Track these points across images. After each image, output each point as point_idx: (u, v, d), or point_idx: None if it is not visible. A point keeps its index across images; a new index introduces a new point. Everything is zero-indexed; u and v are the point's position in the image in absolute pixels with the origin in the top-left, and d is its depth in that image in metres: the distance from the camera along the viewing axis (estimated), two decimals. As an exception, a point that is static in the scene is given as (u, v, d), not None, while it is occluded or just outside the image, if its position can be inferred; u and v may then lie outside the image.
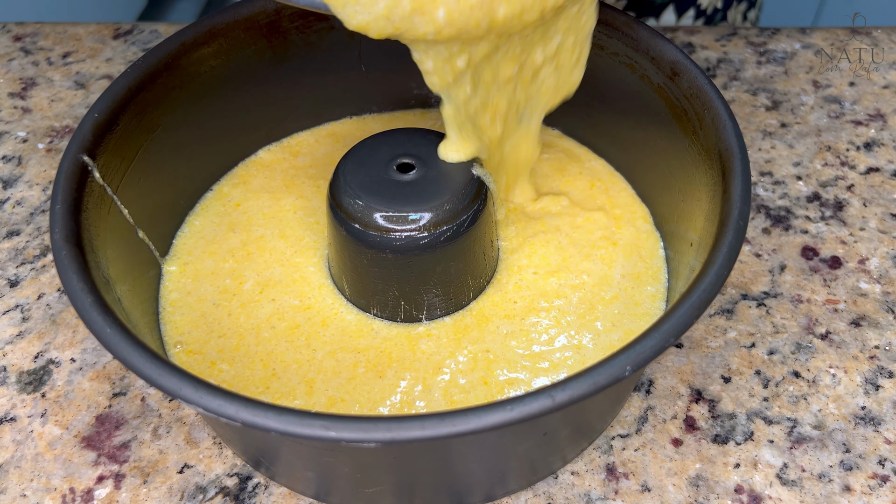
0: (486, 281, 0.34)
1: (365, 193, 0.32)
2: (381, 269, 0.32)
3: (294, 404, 0.31)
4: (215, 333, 0.34)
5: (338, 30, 0.40)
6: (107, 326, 0.26)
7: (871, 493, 0.32)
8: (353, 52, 0.42)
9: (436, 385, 0.31)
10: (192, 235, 0.37)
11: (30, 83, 0.51)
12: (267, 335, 0.33)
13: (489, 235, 0.34)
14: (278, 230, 0.37)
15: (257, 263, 0.36)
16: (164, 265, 0.36)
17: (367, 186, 0.32)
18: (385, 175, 0.32)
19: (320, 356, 0.32)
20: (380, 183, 0.32)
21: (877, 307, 0.38)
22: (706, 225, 0.30)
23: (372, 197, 0.32)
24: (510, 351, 0.32)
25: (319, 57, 0.41)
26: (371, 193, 0.32)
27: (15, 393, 0.36)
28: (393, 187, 0.32)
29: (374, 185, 0.32)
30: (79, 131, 0.32)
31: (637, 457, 0.33)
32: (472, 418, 0.23)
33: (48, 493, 0.33)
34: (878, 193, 0.42)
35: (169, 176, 0.37)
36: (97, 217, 0.32)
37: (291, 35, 0.39)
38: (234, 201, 0.39)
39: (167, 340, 0.34)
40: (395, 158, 0.33)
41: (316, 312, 0.34)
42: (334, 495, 0.32)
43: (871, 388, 0.35)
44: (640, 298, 0.34)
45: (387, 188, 0.32)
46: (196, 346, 0.33)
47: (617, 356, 0.24)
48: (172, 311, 0.35)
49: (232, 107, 0.40)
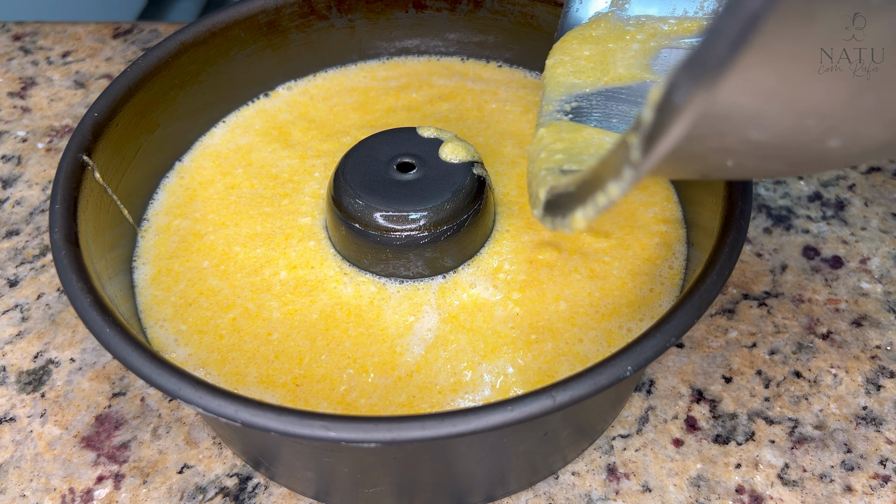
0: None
1: (365, 193, 0.32)
2: (384, 264, 0.32)
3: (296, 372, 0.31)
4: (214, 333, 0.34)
5: (338, 29, 0.40)
6: (106, 326, 0.26)
7: (872, 493, 0.32)
8: (354, 53, 0.42)
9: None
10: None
11: (29, 82, 0.51)
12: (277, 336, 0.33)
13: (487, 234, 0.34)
14: (280, 230, 0.37)
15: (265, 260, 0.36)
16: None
17: (367, 186, 0.32)
18: (385, 174, 0.32)
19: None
20: (380, 182, 0.32)
21: (878, 307, 0.38)
22: (707, 224, 0.30)
23: (372, 196, 0.32)
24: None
25: (319, 57, 0.41)
26: (371, 193, 0.32)
27: (14, 393, 0.36)
28: (393, 187, 0.32)
29: (374, 185, 0.32)
30: (78, 131, 0.32)
31: (638, 457, 0.33)
32: (472, 418, 0.23)
33: (48, 493, 0.33)
34: (879, 193, 0.42)
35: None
36: (97, 217, 0.31)
37: (291, 35, 0.39)
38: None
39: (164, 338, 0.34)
40: (395, 158, 0.33)
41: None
42: (334, 495, 0.32)
43: (872, 388, 0.35)
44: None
45: (387, 188, 0.32)
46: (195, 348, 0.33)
47: (618, 356, 0.24)
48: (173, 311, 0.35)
49: (231, 106, 0.40)
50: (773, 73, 0.15)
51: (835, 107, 0.17)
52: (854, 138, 0.18)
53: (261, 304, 0.33)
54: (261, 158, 0.38)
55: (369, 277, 0.33)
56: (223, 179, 0.38)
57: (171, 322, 0.33)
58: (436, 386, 0.30)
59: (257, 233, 0.35)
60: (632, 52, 0.31)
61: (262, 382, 0.31)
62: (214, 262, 0.34)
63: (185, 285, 0.34)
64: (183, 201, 0.37)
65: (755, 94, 0.15)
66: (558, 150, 0.27)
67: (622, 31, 0.32)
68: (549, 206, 0.23)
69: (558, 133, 0.28)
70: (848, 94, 0.16)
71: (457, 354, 0.31)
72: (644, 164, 0.16)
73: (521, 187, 0.36)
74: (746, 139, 0.17)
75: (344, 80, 0.42)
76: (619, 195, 0.18)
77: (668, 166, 0.19)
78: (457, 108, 0.40)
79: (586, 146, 0.27)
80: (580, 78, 0.31)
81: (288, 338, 0.32)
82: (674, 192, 0.36)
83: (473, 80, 0.42)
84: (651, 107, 0.15)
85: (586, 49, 0.32)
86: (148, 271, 0.34)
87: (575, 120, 0.29)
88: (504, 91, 0.41)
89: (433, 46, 0.42)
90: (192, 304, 0.33)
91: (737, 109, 0.15)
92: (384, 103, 0.41)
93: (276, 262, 0.34)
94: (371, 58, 0.42)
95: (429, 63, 0.42)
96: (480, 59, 0.42)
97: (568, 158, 0.27)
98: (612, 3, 0.33)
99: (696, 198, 0.33)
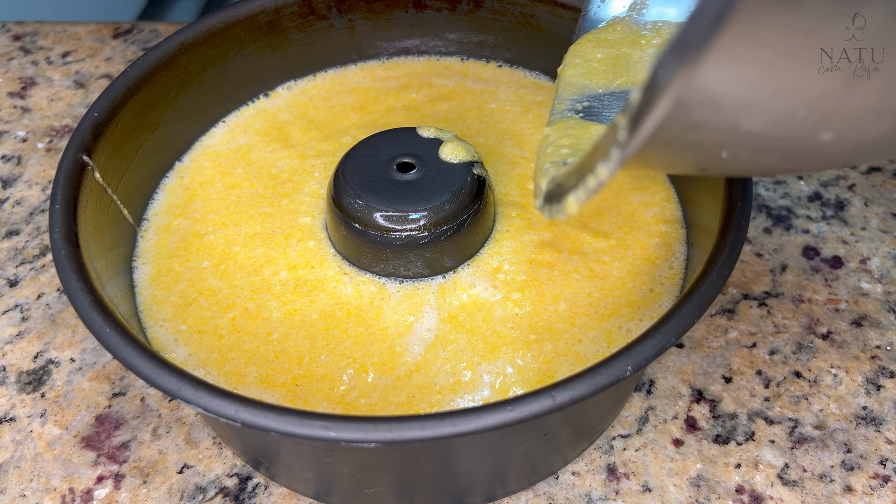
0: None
1: (365, 193, 0.32)
2: (384, 264, 0.33)
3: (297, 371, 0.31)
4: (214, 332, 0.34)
5: (338, 29, 0.40)
6: (106, 326, 0.26)
7: (872, 493, 0.32)
8: (353, 53, 0.42)
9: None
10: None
11: (29, 82, 0.51)
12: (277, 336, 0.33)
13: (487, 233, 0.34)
14: (280, 230, 0.37)
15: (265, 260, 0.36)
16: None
17: (367, 186, 0.32)
18: (385, 174, 0.32)
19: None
20: (380, 182, 0.32)
21: (878, 307, 0.38)
22: (707, 224, 0.30)
23: (372, 196, 0.32)
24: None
25: (319, 57, 0.41)
26: (371, 193, 0.32)
27: (14, 393, 0.36)
28: (393, 187, 0.32)
29: (374, 185, 0.32)
30: (78, 131, 0.32)
31: (638, 457, 0.33)
32: (472, 418, 0.23)
33: (48, 493, 0.33)
34: (879, 193, 0.42)
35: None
36: (97, 217, 0.31)
37: (291, 35, 0.39)
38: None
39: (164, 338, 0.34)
40: (395, 158, 0.33)
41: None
42: (334, 495, 0.32)
43: (872, 388, 0.35)
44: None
45: (387, 188, 0.32)
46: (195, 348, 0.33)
47: (618, 356, 0.24)
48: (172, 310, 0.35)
49: (231, 106, 0.40)
50: (759, 59, 0.15)
51: (825, 99, 0.17)
52: (847, 133, 0.18)
53: (260, 303, 0.33)
54: (261, 158, 0.38)
55: (369, 277, 0.33)
56: (223, 179, 0.38)
57: (170, 322, 0.33)
58: (435, 386, 0.30)
59: (257, 233, 0.35)
60: (647, 56, 0.31)
61: (261, 382, 0.31)
62: (214, 261, 0.34)
63: (185, 285, 0.34)
64: (183, 201, 0.37)
65: (743, 80, 0.15)
66: (564, 146, 0.27)
67: (638, 35, 0.32)
68: (549, 196, 0.23)
69: (566, 129, 0.28)
70: (838, 87, 0.16)
71: (456, 354, 0.31)
72: (631, 143, 0.17)
73: (521, 187, 0.36)
74: (738, 128, 0.17)
75: (344, 80, 0.42)
76: (608, 175, 0.18)
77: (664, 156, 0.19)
78: (457, 108, 0.40)
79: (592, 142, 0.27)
80: (592, 80, 0.31)
81: (288, 338, 0.32)
82: (674, 192, 0.36)
83: (473, 80, 0.42)
84: (639, 88, 0.16)
85: (599, 52, 0.32)
86: (148, 271, 0.34)
87: (585, 118, 0.29)
88: (504, 91, 0.41)
89: (433, 46, 0.42)
90: (191, 304, 0.33)
91: (727, 96, 0.16)
92: (384, 103, 0.41)
93: (275, 262, 0.34)
94: (371, 58, 0.42)
95: (429, 63, 0.42)
96: (480, 59, 0.42)
97: (573, 153, 0.27)
98: (630, 7, 0.33)
99: (696, 198, 0.33)
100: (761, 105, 0.16)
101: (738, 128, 0.17)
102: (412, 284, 0.33)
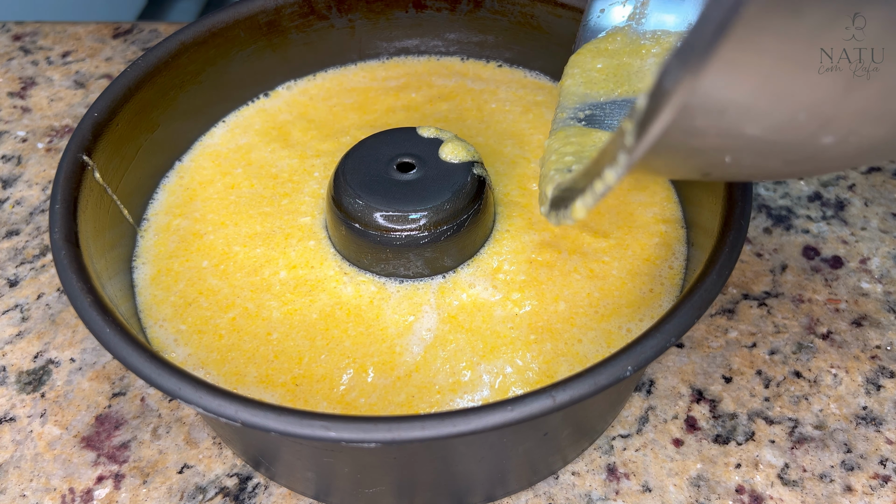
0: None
1: (365, 193, 0.32)
2: (384, 264, 0.33)
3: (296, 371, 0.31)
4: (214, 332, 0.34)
5: (338, 29, 0.40)
6: (106, 326, 0.26)
7: (872, 493, 0.32)
8: (353, 53, 0.42)
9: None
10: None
11: (29, 82, 0.51)
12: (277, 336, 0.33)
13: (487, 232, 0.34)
14: (279, 229, 0.37)
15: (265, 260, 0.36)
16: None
17: (367, 186, 0.32)
18: (385, 174, 0.32)
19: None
20: (380, 182, 0.32)
21: (878, 307, 0.38)
22: (707, 224, 0.30)
23: (372, 196, 0.32)
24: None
25: (319, 57, 0.41)
26: (371, 193, 0.32)
27: (14, 393, 0.36)
28: (393, 187, 0.32)
29: (374, 185, 0.32)
30: (78, 131, 0.32)
31: (638, 457, 0.33)
32: (472, 418, 0.23)
33: (48, 493, 0.33)
34: (879, 193, 0.42)
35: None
36: (97, 217, 0.31)
37: (291, 35, 0.39)
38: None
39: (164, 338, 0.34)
40: (395, 158, 0.33)
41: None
42: (334, 495, 0.32)
43: (872, 388, 0.35)
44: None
45: (387, 188, 0.32)
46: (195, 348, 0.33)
47: (618, 356, 0.24)
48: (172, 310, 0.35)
49: (231, 106, 0.40)
50: (762, 64, 0.15)
51: (826, 102, 0.17)
52: (848, 136, 0.18)
53: (260, 303, 0.33)
54: (260, 158, 0.38)
55: (369, 277, 0.33)
56: (223, 179, 0.38)
57: (170, 322, 0.33)
58: (435, 386, 0.30)
59: (257, 232, 0.35)
60: (648, 65, 0.32)
61: (261, 382, 0.31)
62: (214, 261, 0.34)
63: (185, 285, 0.34)
64: (183, 201, 0.37)
65: (745, 86, 0.16)
66: (568, 153, 0.27)
67: (638, 45, 0.32)
68: (555, 202, 0.23)
69: (568, 137, 0.29)
70: (838, 92, 0.17)
71: (456, 354, 0.31)
72: (638, 148, 0.17)
73: (521, 187, 0.36)
74: (741, 133, 0.17)
75: (344, 80, 0.42)
76: (615, 180, 0.19)
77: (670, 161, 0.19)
78: (457, 108, 0.40)
79: (596, 148, 0.27)
80: (592, 89, 0.31)
81: (287, 337, 0.32)
82: (674, 192, 0.36)
83: (473, 80, 0.42)
84: (645, 93, 0.16)
85: (599, 62, 0.32)
86: (148, 271, 0.34)
87: (588, 126, 0.30)
88: (504, 91, 0.41)
89: (433, 46, 0.42)
90: (191, 304, 0.33)
91: (730, 101, 0.16)
92: (384, 103, 0.41)
93: (275, 262, 0.34)
94: (371, 58, 0.42)
95: (428, 63, 0.42)
96: (480, 59, 0.42)
97: (577, 160, 0.27)
98: (630, 17, 0.33)
99: (696, 198, 0.33)
100: (763, 110, 0.17)
101: (740, 132, 0.17)
102: (412, 284, 0.33)
